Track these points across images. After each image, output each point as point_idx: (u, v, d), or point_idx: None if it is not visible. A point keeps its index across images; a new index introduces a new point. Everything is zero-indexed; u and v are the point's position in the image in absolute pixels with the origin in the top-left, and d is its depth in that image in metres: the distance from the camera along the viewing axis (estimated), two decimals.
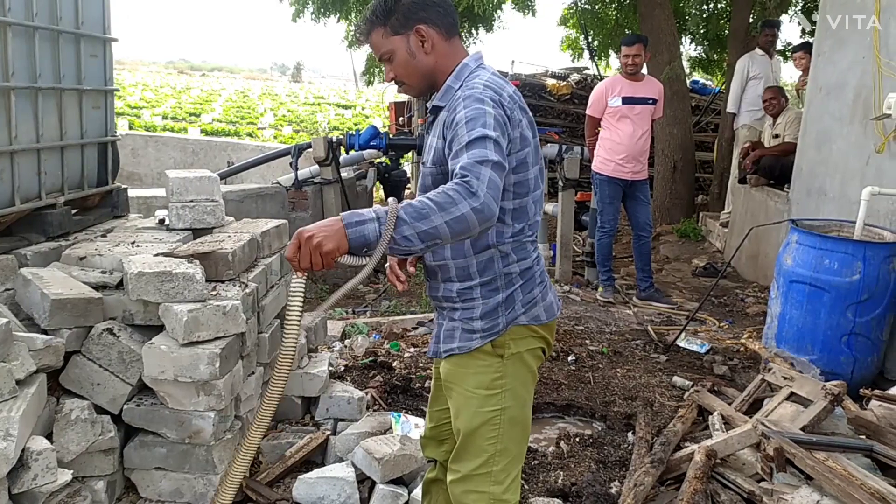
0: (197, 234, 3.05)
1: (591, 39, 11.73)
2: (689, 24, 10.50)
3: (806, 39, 7.85)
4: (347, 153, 7.15)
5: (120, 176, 3.60)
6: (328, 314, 3.90)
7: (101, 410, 2.41)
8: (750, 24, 8.57)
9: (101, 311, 2.47)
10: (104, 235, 3.06)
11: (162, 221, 3.17)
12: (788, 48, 9.32)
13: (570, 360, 4.30)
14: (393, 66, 1.91)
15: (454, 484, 1.95)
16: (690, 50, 12.22)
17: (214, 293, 2.56)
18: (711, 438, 2.98)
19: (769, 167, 6.56)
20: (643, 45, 5.55)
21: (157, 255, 2.62)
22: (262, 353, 2.91)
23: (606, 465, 3.10)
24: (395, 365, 3.98)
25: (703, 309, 5.25)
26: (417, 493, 2.64)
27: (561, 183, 6.52)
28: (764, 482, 2.56)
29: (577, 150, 6.62)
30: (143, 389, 2.50)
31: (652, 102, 5.58)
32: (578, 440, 3.32)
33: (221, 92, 38.53)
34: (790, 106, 6.76)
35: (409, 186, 11.02)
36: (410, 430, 3.05)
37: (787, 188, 5.95)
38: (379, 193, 8.99)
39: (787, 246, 4.13)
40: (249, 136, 20.01)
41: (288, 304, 1.72)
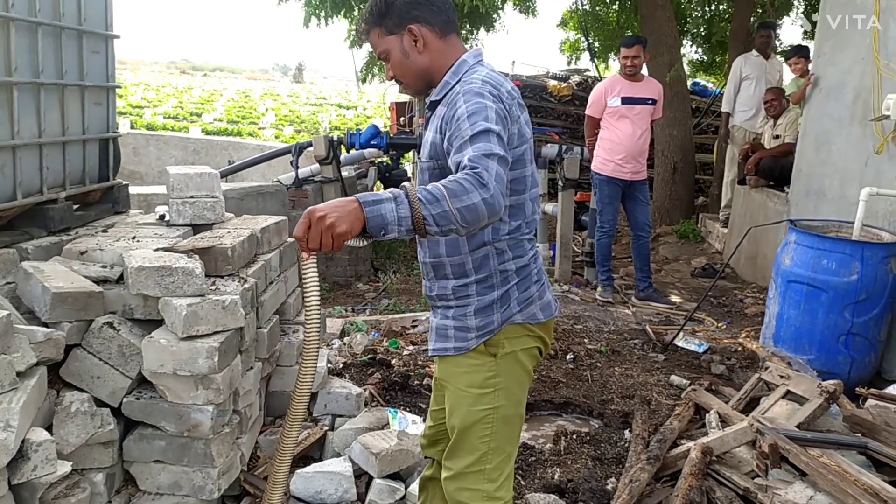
0: (197, 230, 3.07)
1: (591, 41, 11.76)
2: (689, 25, 10.53)
3: (801, 43, 7.87)
4: (348, 152, 7.18)
5: (121, 174, 3.62)
6: (327, 313, 3.93)
7: (100, 403, 2.42)
8: (751, 26, 8.60)
9: (101, 304, 2.49)
10: (105, 231, 3.08)
11: (162, 217, 3.19)
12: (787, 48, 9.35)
13: (568, 358, 4.31)
14: (390, 65, 1.93)
15: (448, 481, 1.96)
16: (691, 52, 12.26)
17: (214, 288, 2.57)
18: (707, 436, 2.99)
19: (769, 168, 6.59)
20: (642, 46, 5.58)
21: (157, 249, 2.63)
22: (260, 348, 2.92)
23: (603, 462, 3.12)
24: (393, 362, 4.00)
25: (701, 309, 5.27)
26: (414, 487, 2.66)
27: (561, 183, 6.54)
28: (759, 478, 2.58)
29: (576, 150, 6.64)
30: (142, 383, 2.52)
31: (651, 103, 5.61)
32: (576, 437, 3.33)
33: (223, 92, 38.59)
34: (791, 107, 6.78)
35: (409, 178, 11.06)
36: (408, 425, 3.07)
37: (786, 189, 5.97)
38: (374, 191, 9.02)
39: (785, 246, 4.15)
40: (251, 135, 20.05)
41: (304, 289, 1.67)
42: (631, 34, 8.53)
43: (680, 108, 8.44)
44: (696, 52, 12.21)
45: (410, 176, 10.41)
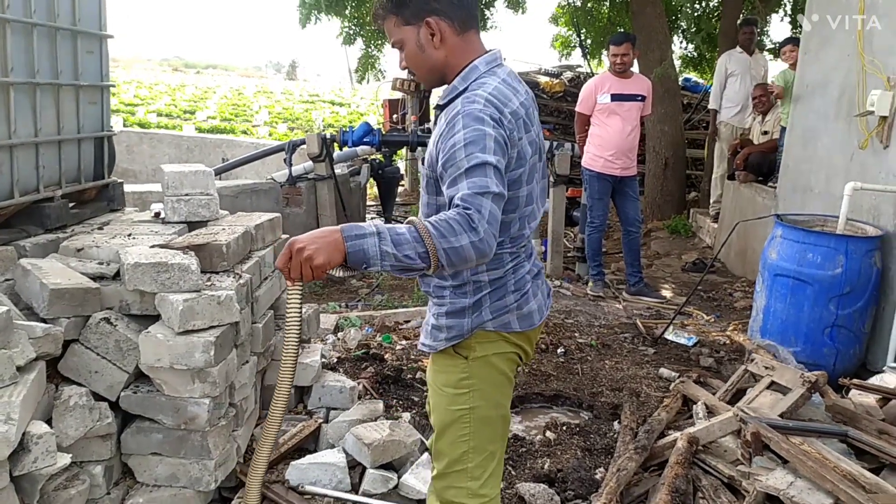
0: (192, 227, 3.12)
1: (583, 37, 11.81)
2: (680, 20, 10.59)
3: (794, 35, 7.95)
4: (341, 149, 7.23)
5: (115, 172, 3.66)
6: (321, 308, 3.98)
7: (98, 397, 2.48)
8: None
9: (98, 300, 2.54)
10: (101, 228, 3.12)
11: (157, 215, 3.23)
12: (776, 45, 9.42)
13: (559, 352, 4.37)
14: (404, 55, 1.86)
15: (435, 480, 2.01)
16: (682, 48, 12.32)
17: (209, 283, 2.62)
18: (694, 426, 3.06)
19: (757, 164, 6.67)
20: (631, 43, 5.63)
21: (153, 246, 2.68)
22: (255, 342, 2.97)
23: (592, 452, 3.19)
24: (386, 357, 4.05)
25: (691, 303, 5.34)
26: (407, 477, 2.72)
27: (552, 179, 6.59)
28: (742, 466, 2.64)
29: (567, 146, 6.69)
30: (139, 377, 2.57)
31: (640, 99, 5.66)
32: (565, 429, 3.40)
33: (216, 89, 38.46)
34: (778, 103, 6.86)
35: (402, 183, 11.10)
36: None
37: (771, 184, 6.04)
38: (372, 189, 9.06)
39: (771, 240, 4.22)
40: (244, 133, 20.05)
41: (287, 314, 1.71)
42: (621, 31, 8.57)
43: (671, 104, 8.50)
44: (686, 48, 12.28)
45: (403, 173, 10.46)
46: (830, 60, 4.93)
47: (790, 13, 10.92)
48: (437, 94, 10.72)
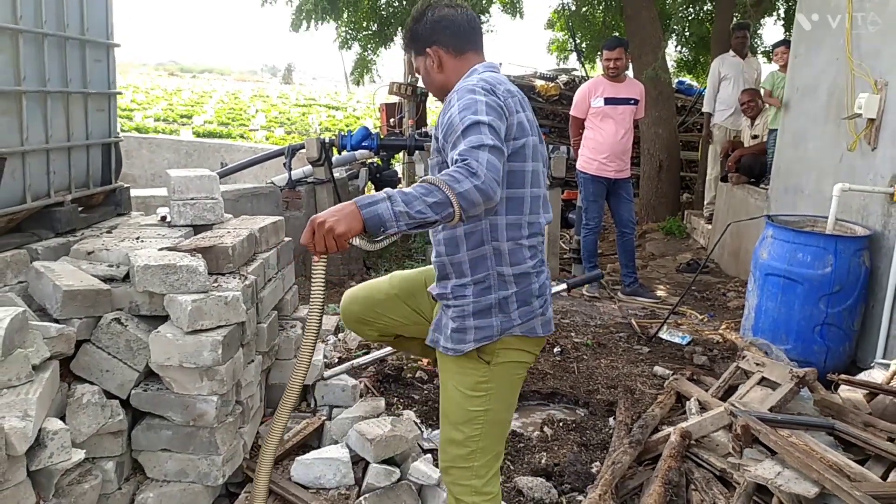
0: (197, 230, 3.19)
1: (578, 41, 11.92)
2: (673, 24, 10.70)
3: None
4: (339, 154, 7.31)
5: None
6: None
7: (110, 395, 2.55)
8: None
9: (109, 301, 2.61)
10: (109, 232, 3.20)
11: (164, 218, 3.31)
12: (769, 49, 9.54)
13: (556, 351, 4.46)
14: (421, 78, 2.22)
15: (443, 471, 2.13)
16: (676, 51, 12.44)
17: (216, 285, 2.70)
18: (687, 421, 3.14)
19: (749, 166, 6.77)
20: (624, 48, 5.73)
21: (161, 249, 2.76)
22: (260, 342, 3.05)
23: (588, 447, 3.27)
24: (386, 357, 4.13)
25: (686, 303, 5.43)
26: (417, 464, 2.81)
27: (548, 182, 6.68)
28: (733, 458, 2.73)
29: (563, 149, 6.79)
30: (149, 375, 2.64)
31: (634, 103, 5.76)
32: (562, 425, 3.49)
33: (212, 94, 38.53)
34: (767, 107, 6.97)
35: (400, 186, 11.18)
36: None
37: (763, 185, 6.14)
38: (370, 192, 9.13)
39: (763, 240, 4.31)
40: (242, 137, 20.12)
41: (312, 285, 1.82)
42: (615, 36, 8.67)
43: (665, 106, 8.61)
44: (680, 51, 12.39)
45: (401, 176, 10.53)
46: (819, 64, 5.03)
47: (783, 17, 11.05)
48: (433, 99, 10.82)
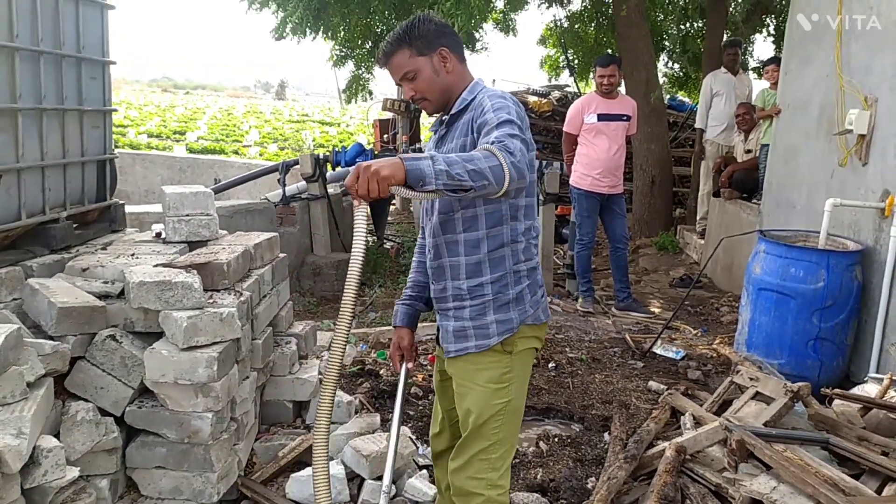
0: (192, 246, 3.20)
1: (570, 58, 12.00)
2: (666, 42, 10.79)
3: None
4: (334, 169, 7.34)
5: None
6: (317, 325, 4.05)
7: (104, 413, 2.55)
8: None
9: (104, 318, 2.61)
10: (104, 248, 3.20)
11: (158, 235, 3.32)
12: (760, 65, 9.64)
13: (550, 367, 4.46)
14: (415, 83, 2.12)
15: (456, 473, 2.14)
16: (668, 67, 12.53)
17: (211, 301, 2.71)
18: (682, 436, 3.15)
19: (741, 181, 6.81)
20: (617, 65, 5.77)
21: (156, 265, 2.77)
22: (255, 358, 3.05)
23: (583, 462, 3.27)
24: (381, 373, 4.13)
25: (679, 318, 5.44)
26: (412, 481, 2.81)
27: (542, 197, 6.71)
28: (728, 473, 2.74)
29: (556, 165, 6.82)
30: (143, 392, 2.64)
31: (626, 119, 5.80)
32: (557, 440, 3.48)
33: (206, 110, 38.62)
34: (760, 122, 7.03)
35: (393, 202, 11.21)
36: None
37: (755, 200, 6.18)
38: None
39: (755, 255, 4.33)
40: (235, 153, 20.14)
41: (354, 234, 1.85)
42: (608, 53, 8.75)
43: (657, 123, 8.66)
44: (671, 67, 12.49)
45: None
46: (810, 80, 5.08)
47: (773, 34, 11.16)
48: (426, 118, 10.85)
